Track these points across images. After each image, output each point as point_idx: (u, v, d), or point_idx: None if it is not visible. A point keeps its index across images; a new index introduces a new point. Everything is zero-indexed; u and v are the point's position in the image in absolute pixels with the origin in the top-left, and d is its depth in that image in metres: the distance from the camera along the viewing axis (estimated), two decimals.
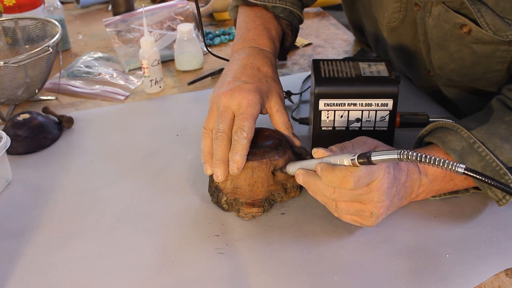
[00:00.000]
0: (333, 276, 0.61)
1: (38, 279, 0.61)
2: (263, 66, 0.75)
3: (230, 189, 0.69)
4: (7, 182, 0.77)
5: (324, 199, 0.62)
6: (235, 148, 0.67)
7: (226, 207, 0.70)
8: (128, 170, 0.79)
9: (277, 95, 0.74)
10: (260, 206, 0.68)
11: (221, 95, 0.70)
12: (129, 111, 0.95)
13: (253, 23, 0.83)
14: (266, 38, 0.81)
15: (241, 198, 0.69)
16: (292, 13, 0.86)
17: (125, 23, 1.16)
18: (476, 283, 0.60)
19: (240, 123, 0.68)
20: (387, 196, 0.60)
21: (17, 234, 0.68)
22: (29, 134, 0.84)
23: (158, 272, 0.62)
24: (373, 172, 0.58)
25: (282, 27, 0.86)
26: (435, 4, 0.73)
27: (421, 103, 0.92)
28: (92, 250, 0.65)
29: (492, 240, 0.65)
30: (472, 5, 0.67)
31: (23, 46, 1.03)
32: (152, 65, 0.97)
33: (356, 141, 0.63)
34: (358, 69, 0.74)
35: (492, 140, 0.63)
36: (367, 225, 0.62)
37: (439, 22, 0.74)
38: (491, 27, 0.68)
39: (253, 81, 0.72)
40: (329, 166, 0.59)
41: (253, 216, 0.68)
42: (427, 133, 0.69)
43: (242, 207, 0.68)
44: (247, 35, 0.81)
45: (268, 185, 0.69)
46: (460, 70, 0.77)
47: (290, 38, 0.89)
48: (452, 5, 0.71)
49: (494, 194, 0.65)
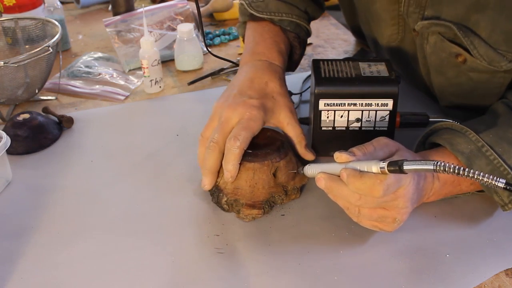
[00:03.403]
0: (333, 276, 0.61)
1: (38, 279, 0.61)
2: (271, 81, 0.75)
3: (231, 189, 0.69)
4: (7, 182, 0.77)
5: (347, 204, 0.61)
6: (227, 157, 0.67)
7: (226, 208, 0.70)
8: (128, 170, 0.79)
9: (286, 108, 0.74)
10: (260, 208, 0.68)
11: (226, 107, 0.70)
12: (129, 111, 0.95)
13: (261, 37, 0.83)
14: (275, 51, 0.81)
15: (242, 199, 0.68)
16: (299, 25, 0.87)
17: (125, 23, 1.16)
18: (476, 283, 0.60)
19: (237, 132, 0.68)
20: (410, 202, 0.60)
21: (17, 234, 0.68)
22: (29, 134, 0.84)
23: (158, 272, 0.62)
24: (401, 180, 0.57)
25: (289, 40, 0.86)
26: (431, 33, 0.73)
27: (421, 103, 0.92)
28: (92, 250, 0.65)
29: (492, 240, 0.65)
30: (465, 37, 0.67)
31: (23, 46, 1.03)
32: (152, 65, 0.97)
33: (378, 143, 0.62)
34: (358, 69, 0.74)
35: (500, 144, 0.63)
36: (387, 231, 0.62)
37: (436, 50, 0.74)
38: (485, 58, 0.68)
39: (259, 97, 0.72)
40: (357, 173, 0.57)
41: (253, 218, 0.68)
42: (432, 132, 0.69)
43: (242, 208, 0.68)
44: (256, 49, 0.81)
45: (269, 187, 0.69)
46: (459, 94, 0.77)
47: (298, 51, 0.89)
48: (447, 35, 0.71)
49: (500, 199, 0.64)
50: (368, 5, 0.83)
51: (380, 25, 0.83)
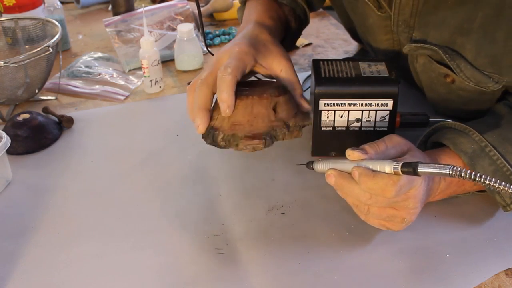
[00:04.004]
0: (333, 276, 0.61)
1: (38, 279, 0.61)
2: (262, 34, 0.73)
3: (228, 126, 0.64)
4: (7, 182, 0.77)
5: (356, 202, 0.61)
6: (220, 86, 0.62)
7: (223, 144, 0.64)
8: (128, 170, 0.79)
9: (279, 55, 0.70)
10: (261, 139, 0.63)
11: (218, 52, 0.68)
12: (129, 111, 0.95)
13: (255, 9, 0.83)
14: (268, 17, 0.80)
15: (240, 133, 0.63)
16: (295, 1, 0.88)
17: (125, 23, 1.16)
18: (476, 283, 0.60)
19: (227, 62, 0.64)
20: (420, 203, 0.60)
21: (17, 234, 0.68)
22: (29, 134, 0.84)
23: (158, 272, 0.62)
24: (413, 181, 0.57)
25: (285, 13, 0.87)
26: (419, 55, 0.74)
27: (421, 103, 0.91)
28: (92, 250, 0.65)
29: (492, 240, 0.65)
30: (451, 60, 0.67)
31: (23, 46, 1.03)
32: (152, 65, 0.97)
33: (391, 141, 0.61)
34: (358, 69, 0.74)
35: (503, 144, 0.63)
36: (395, 230, 0.62)
37: (425, 70, 0.75)
38: (472, 80, 0.68)
39: (246, 39, 0.69)
40: (369, 172, 0.56)
41: (253, 149, 0.63)
42: (434, 132, 0.69)
43: (241, 140, 0.63)
44: (250, 18, 0.80)
45: (269, 121, 0.64)
46: (452, 108, 0.78)
47: (294, 24, 0.89)
48: (434, 57, 0.71)
49: (502, 199, 0.64)
50: (363, 20, 0.83)
51: (376, 39, 0.84)
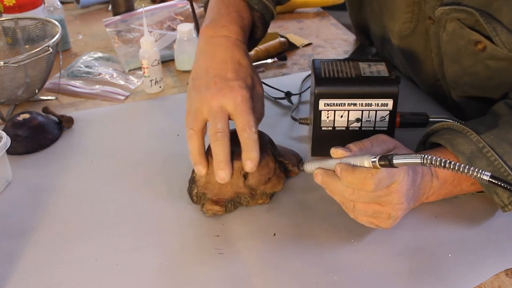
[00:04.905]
0: (333, 276, 0.61)
1: (38, 279, 0.61)
2: (242, 58, 0.73)
3: (203, 183, 0.70)
4: (7, 182, 0.77)
5: (342, 199, 0.62)
6: (249, 145, 0.66)
7: (194, 199, 0.71)
8: (128, 170, 0.79)
9: (258, 86, 0.73)
10: (222, 206, 0.69)
11: (213, 95, 0.68)
12: (129, 111, 0.95)
13: (226, 9, 0.78)
14: (239, 27, 0.77)
15: (209, 193, 0.69)
16: (267, 7, 0.82)
17: (125, 23, 1.16)
18: (476, 283, 0.60)
19: (245, 119, 0.66)
20: (405, 198, 0.60)
21: (17, 234, 0.68)
22: (29, 134, 0.84)
23: (158, 272, 0.62)
24: (394, 175, 0.57)
25: (254, 19, 0.82)
26: (449, 20, 0.72)
27: (421, 103, 0.92)
28: (92, 250, 0.65)
29: (492, 240, 0.65)
30: (487, 23, 0.67)
31: (23, 46, 1.03)
32: (152, 65, 0.97)
33: (376, 140, 0.62)
34: (358, 69, 0.74)
35: (501, 145, 0.63)
36: (383, 227, 0.62)
37: (454, 38, 0.73)
38: (506, 45, 0.67)
39: (239, 78, 0.70)
40: (349, 167, 0.58)
41: (213, 214, 0.69)
42: (433, 132, 0.69)
43: (206, 202, 0.69)
44: (220, 21, 0.76)
45: (237, 187, 0.69)
46: (474, 83, 0.77)
47: (260, 32, 0.85)
48: (467, 22, 0.70)
49: (500, 200, 0.64)
50: None
51: (394, 13, 0.82)
